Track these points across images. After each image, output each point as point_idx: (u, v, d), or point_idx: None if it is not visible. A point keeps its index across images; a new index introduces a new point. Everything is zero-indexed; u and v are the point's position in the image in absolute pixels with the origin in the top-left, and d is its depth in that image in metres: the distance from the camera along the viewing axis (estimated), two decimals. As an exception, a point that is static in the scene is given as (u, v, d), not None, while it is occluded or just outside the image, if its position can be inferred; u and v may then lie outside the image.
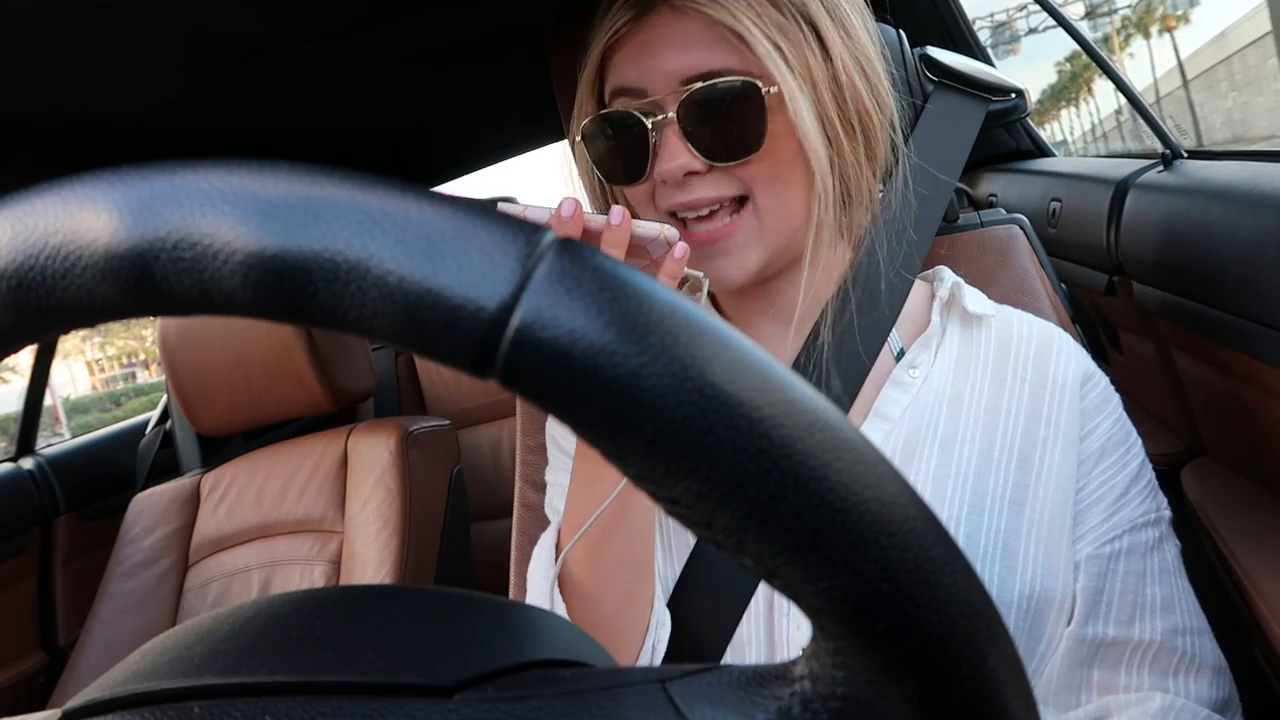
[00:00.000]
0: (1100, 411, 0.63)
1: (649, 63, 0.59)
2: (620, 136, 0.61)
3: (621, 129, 0.61)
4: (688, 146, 0.58)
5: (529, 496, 0.91)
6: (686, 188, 0.60)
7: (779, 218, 0.60)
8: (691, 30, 0.58)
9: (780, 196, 0.60)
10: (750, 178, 0.59)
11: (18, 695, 1.74)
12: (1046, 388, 0.63)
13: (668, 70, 0.58)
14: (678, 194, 0.60)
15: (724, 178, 0.59)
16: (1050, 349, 0.64)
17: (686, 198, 0.60)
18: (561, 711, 0.20)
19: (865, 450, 0.17)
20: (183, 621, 1.53)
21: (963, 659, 0.17)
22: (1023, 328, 0.66)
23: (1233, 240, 0.86)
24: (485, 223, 0.16)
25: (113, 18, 0.72)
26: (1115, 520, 0.60)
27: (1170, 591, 0.60)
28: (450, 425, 1.66)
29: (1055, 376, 0.63)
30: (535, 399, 0.16)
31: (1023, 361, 0.64)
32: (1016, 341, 0.65)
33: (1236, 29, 20.11)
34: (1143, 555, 0.60)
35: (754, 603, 0.62)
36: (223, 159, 0.17)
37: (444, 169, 1.84)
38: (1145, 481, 0.62)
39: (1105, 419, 0.62)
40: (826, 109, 0.58)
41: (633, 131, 0.60)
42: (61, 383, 29.89)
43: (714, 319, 0.17)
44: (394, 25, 0.91)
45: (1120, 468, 0.61)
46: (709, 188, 0.59)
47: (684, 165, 0.58)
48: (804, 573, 0.16)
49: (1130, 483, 0.61)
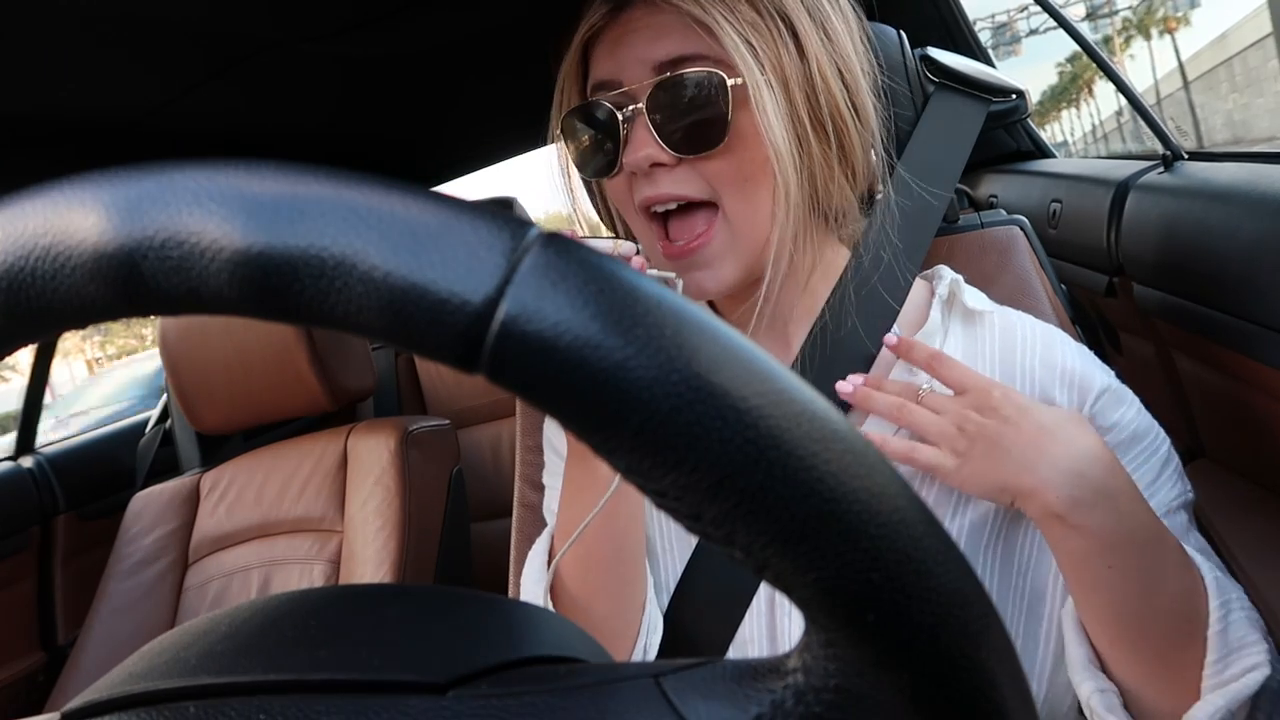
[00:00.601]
0: (1122, 402, 0.62)
1: (623, 54, 0.59)
2: (594, 129, 0.61)
3: (594, 121, 0.61)
4: (654, 137, 0.58)
5: (528, 496, 0.91)
6: (654, 181, 0.60)
7: (749, 224, 0.60)
8: (664, 22, 0.58)
9: (749, 201, 0.60)
10: (716, 177, 0.59)
11: (17, 694, 1.74)
12: (1056, 382, 0.62)
13: (640, 59, 0.58)
14: (647, 187, 0.60)
15: (690, 175, 0.59)
16: (1055, 348, 0.64)
17: (654, 191, 0.60)
18: (555, 707, 0.20)
19: (854, 440, 0.17)
20: (182, 620, 1.53)
21: (956, 649, 0.17)
22: (1025, 327, 0.66)
23: (1233, 242, 0.86)
24: (470, 218, 0.17)
25: (112, 18, 0.72)
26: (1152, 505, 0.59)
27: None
28: (450, 425, 1.66)
29: (1065, 372, 0.62)
30: (521, 392, 0.16)
31: (1030, 357, 0.64)
32: (1021, 339, 0.65)
33: (1237, 30, 20.11)
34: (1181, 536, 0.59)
35: (755, 600, 0.62)
36: (221, 159, 0.17)
37: (444, 169, 1.85)
38: (1174, 465, 0.62)
39: (1129, 408, 0.62)
40: (797, 109, 0.58)
41: (605, 123, 0.60)
42: (61, 381, 29.99)
43: (700, 311, 0.17)
44: (394, 25, 0.91)
45: (1151, 452, 0.61)
46: (675, 183, 0.59)
47: (649, 156, 0.58)
48: (794, 564, 0.16)
49: (1162, 466, 0.61)
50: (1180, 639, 0.52)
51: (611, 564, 0.61)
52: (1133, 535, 0.51)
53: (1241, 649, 0.51)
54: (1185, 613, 0.52)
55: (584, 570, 0.61)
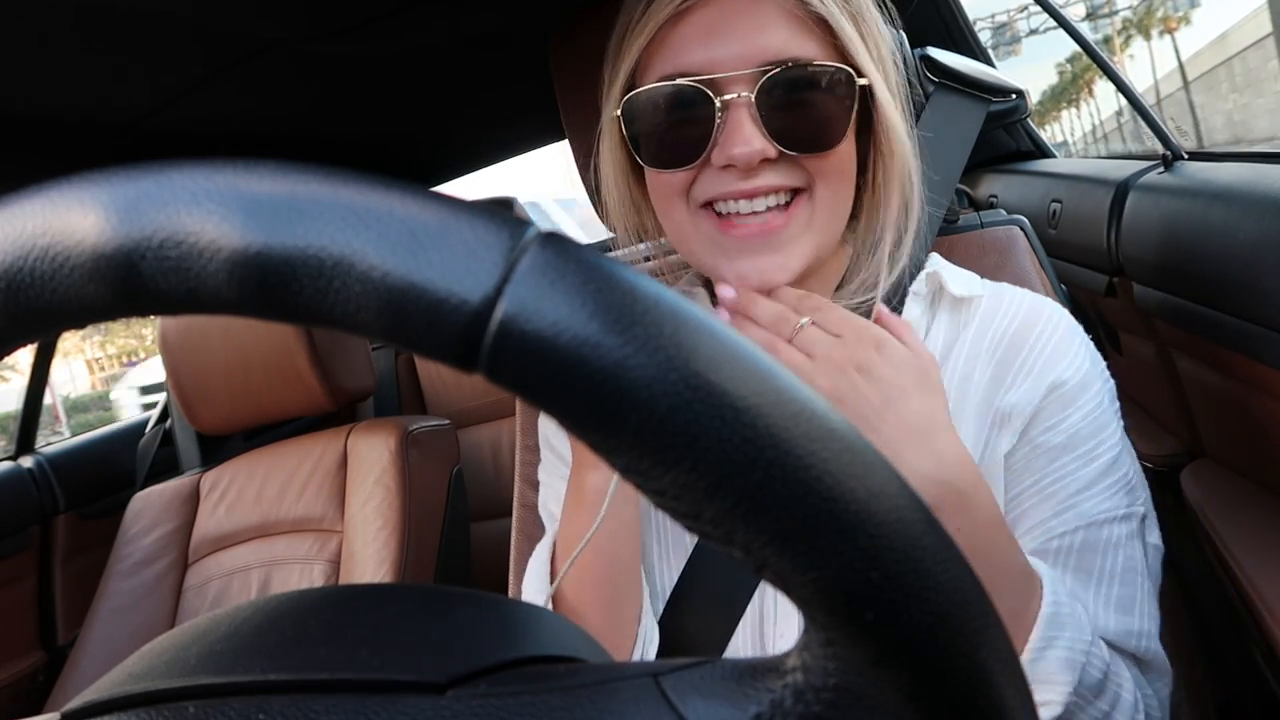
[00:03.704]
0: (1072, 404, 0.58)
1: (719, 44, 0.54)
2: (676, 115, 0.56)
3: (681, 106, 0.55)
4: (762, 131, 0.54)
5: (528, 496, 0.91)
6: (753, 175, 0.55)
7: (831, 212, 0.58)
8: (767, 11, 0.54)
9: (839, 192, 0.58)
10: (819, 169, 0.56)
11: (17, 694, 1.73)
12: (1016, 364, 0.60)
13: (741, 53, 0.54)
14: (734, 181, 0.56)
15: (792, 167, 0.56)
16: (1034, 328, 0.61)
17: (745, 185, 0.56)
18: (554, 706, 0.20)
19: (852, 439, 0.17)
20: (182, 620, 1.53)
21: (954, 648, 0.17)
22: (1011, 305, 0.63)
23: (1233, 242, 0.86)
24: (468, 217, 0.16)
25: (112, 17, 0.72)
26: (1069, 515, 0.57)
27: (1132, 593, 0.57)
28: (450, 425, 1.66)
29: (1030, 356, 0.60)
30: (520, 391, 0.16)
31: (998, 338, 0.61)
32: (1004, 313, 0.63)
33: (1237, 30, 20.10)
34: (1102, 553, 0.57)
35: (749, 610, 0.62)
36: (221, 159, 0.17)
37: (444, 169, 1.85)
38: (1118, 476, 0.58)
39: (1076, 411, 0.58)
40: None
41: (695, 110, 0.55)
42: (61, 381, 29.97)
43: (699, 310, 0.17)
44: (394, 25, 0.91)
45: (1087, 461, 0.58)
46: (776, 176, 0.56)
47: (760, 151, 0.54)
48: (793, 563, 0.16)
49: (1098, 477, 0.58)
50: None
51: (604, 580, 0.60)
52: (978, 548, 0.50)
53: (1043, 684, 0.51)
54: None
55: (578, 586, 0.60)
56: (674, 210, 0.60)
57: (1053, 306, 0.64)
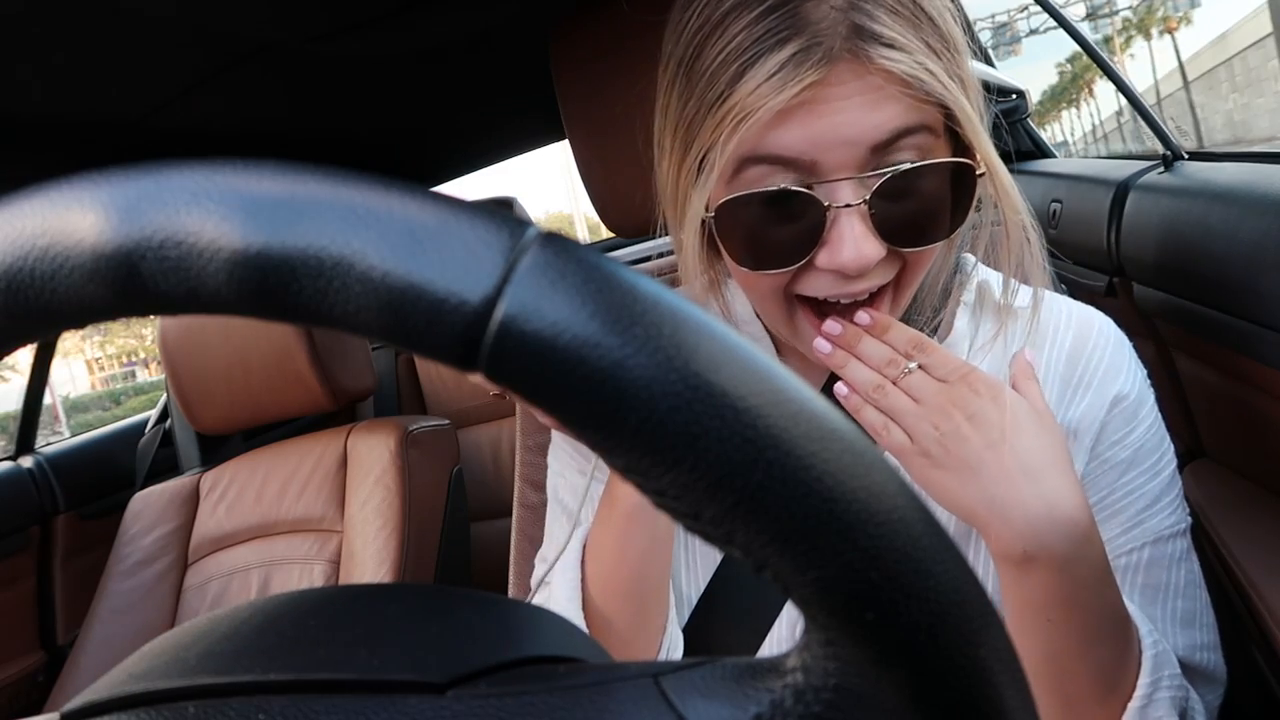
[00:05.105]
0: (1135, 418, 0.57)
1: (826, 129, 0.46)
2: (778, 219, 0.49)
3: (783, 209, 0.49)
4: (873, 232, 0.48)
5: (529, 496, 0.91)
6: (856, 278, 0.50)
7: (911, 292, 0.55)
8: (875, 85, 0.46)
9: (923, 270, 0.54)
10: (915, 258, 0.52)
11: (17, 694, 1.74)
12: (1077, 380, 0.59)
13: (850, 137, 0.47)
14: (840, 284, 0.51)
15: (891, 260, 0.51)
16: (1087, 341, 0.60)
17: (851, 288, 0.51)
18: (554, 706, 0.20)
19: (853, 439, 0.17)
20: (182, 620, 1.53)
21: (955, 648, 0.17)
22: (1062, 316, 0.61)
23: (1234, 242, 0.86)
24: (468, 217, 0.16)
25: (112, 17, 0.72)
26: (1137, 532, 0.57)
27: (1194, 606, 0.57)
28: (450, 425, 1.66)
29: (1089, 371, 0.59)
30: (520, 391, 0.16)
31: (1058, 350, 0.60)
32: (1054, 329, 0.61)
33: (1237, 31, 20.12)
34: (1167, 568, 0.57)
35: (776, 627, 0.61)
36: (221, 159, 0.17)
37: (444, 169, 1.85)
38: (1177, 491, 0.58)
39: (1140, 425, 0.57)
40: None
41: (801, 215, 0.48)
42: (61, 381, 30.00)
43: (698, 310, 0.17)
44: (393, 25, 0.91)
45: (1152, 475, 0.57)
46: (881, 274, 0.51)
47: (874, 256, 0.48)
48: (793, 563, 0.16)
49: (1162, 491, 0.57)
50: (1099, 698, 0.50)
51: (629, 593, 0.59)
52: (1082, 600, 0.48)
53: None
54: (1111, 679, 0.50)
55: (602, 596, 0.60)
56: (766, 301, 0.56)
57: (1098, 315, 0.62)
